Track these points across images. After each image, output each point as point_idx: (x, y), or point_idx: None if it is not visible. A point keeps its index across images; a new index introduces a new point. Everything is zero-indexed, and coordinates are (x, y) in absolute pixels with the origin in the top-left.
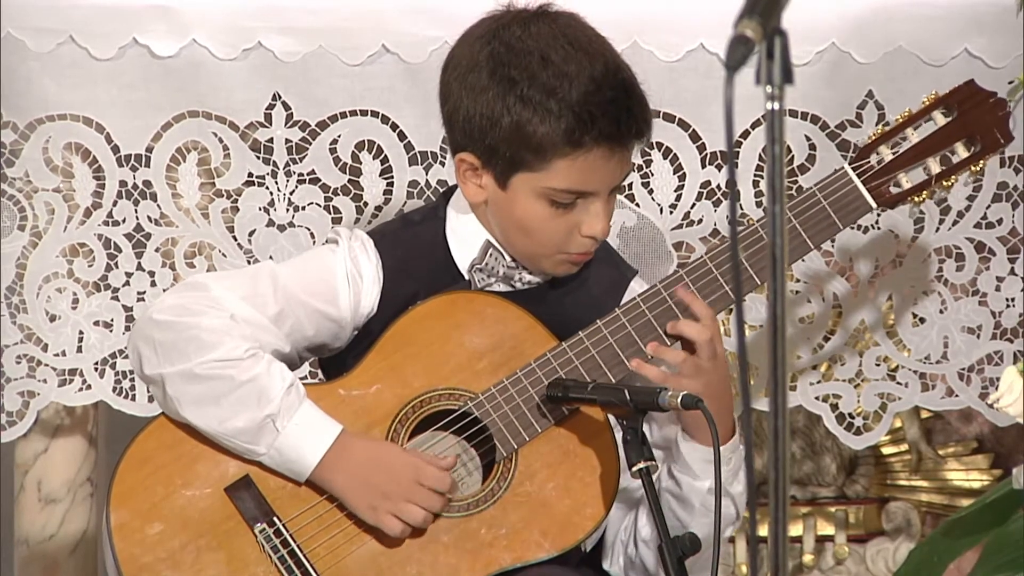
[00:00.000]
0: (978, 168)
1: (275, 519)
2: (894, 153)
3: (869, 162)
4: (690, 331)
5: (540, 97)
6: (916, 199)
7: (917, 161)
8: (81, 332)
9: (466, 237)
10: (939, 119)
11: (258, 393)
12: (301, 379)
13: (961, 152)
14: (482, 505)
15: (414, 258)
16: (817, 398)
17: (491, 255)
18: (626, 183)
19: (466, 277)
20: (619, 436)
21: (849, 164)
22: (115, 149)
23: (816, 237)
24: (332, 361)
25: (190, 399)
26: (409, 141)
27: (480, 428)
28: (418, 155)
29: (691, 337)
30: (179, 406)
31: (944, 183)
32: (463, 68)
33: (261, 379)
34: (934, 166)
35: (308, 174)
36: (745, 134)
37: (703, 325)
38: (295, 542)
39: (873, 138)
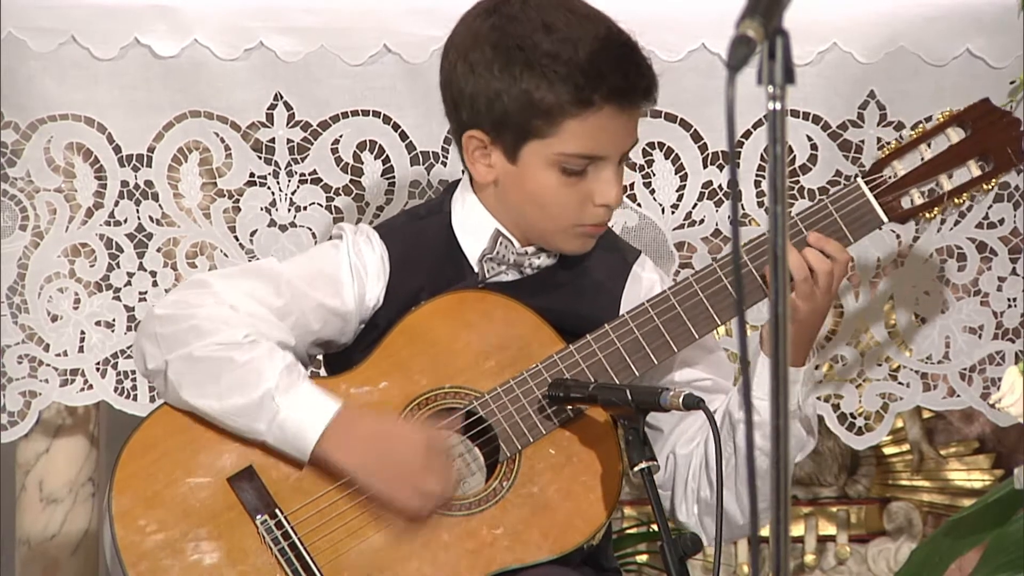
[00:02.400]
0: (990, 187)
1: (277, 511)
2: (906, 169)
3: (882, 176)
4: (813, 259)
5: (547, 62)
6: (927, 215)
7: (929, 177)
8: (83, 332)
9: (474, 228)
10: (953, 136)
11: (257, 371)
12: None
13: (973, 170)
14: (484, 505)
15: (419, 252)
16: (819, 398)
17: (501, 243)
18: (632, 153)
19: (475, 269)
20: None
21: (862, 178)
22: (117, 149)
23: None
24: (337, 357)
25: (190, 380)
26: (411, 141)
27: (485, 428)
28: (419, 155)
29: (813, 265)
30: (179, 389)
31: (955, 200)
32: (465, 47)
33: (261, 359)
34: (946, 183)
35: (310, 174)
36: (747, 134)
37: (830, 259)
38: (296, 535)
39: (887, 153)
